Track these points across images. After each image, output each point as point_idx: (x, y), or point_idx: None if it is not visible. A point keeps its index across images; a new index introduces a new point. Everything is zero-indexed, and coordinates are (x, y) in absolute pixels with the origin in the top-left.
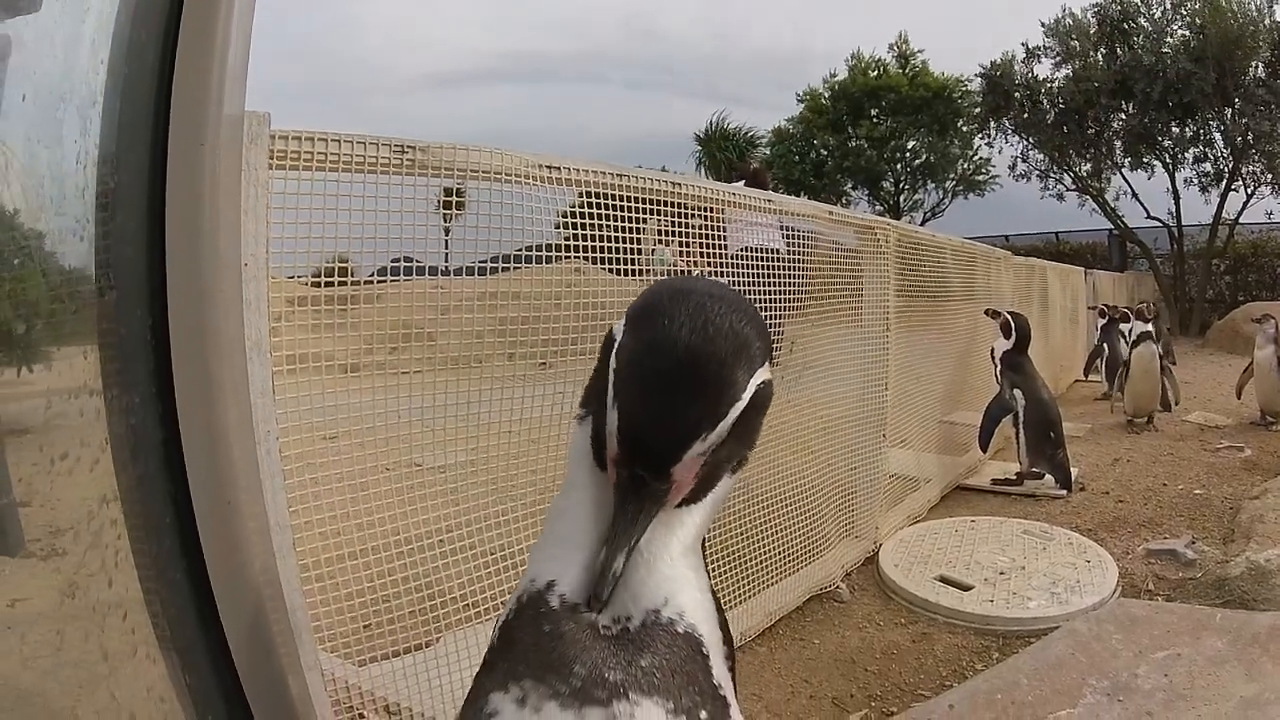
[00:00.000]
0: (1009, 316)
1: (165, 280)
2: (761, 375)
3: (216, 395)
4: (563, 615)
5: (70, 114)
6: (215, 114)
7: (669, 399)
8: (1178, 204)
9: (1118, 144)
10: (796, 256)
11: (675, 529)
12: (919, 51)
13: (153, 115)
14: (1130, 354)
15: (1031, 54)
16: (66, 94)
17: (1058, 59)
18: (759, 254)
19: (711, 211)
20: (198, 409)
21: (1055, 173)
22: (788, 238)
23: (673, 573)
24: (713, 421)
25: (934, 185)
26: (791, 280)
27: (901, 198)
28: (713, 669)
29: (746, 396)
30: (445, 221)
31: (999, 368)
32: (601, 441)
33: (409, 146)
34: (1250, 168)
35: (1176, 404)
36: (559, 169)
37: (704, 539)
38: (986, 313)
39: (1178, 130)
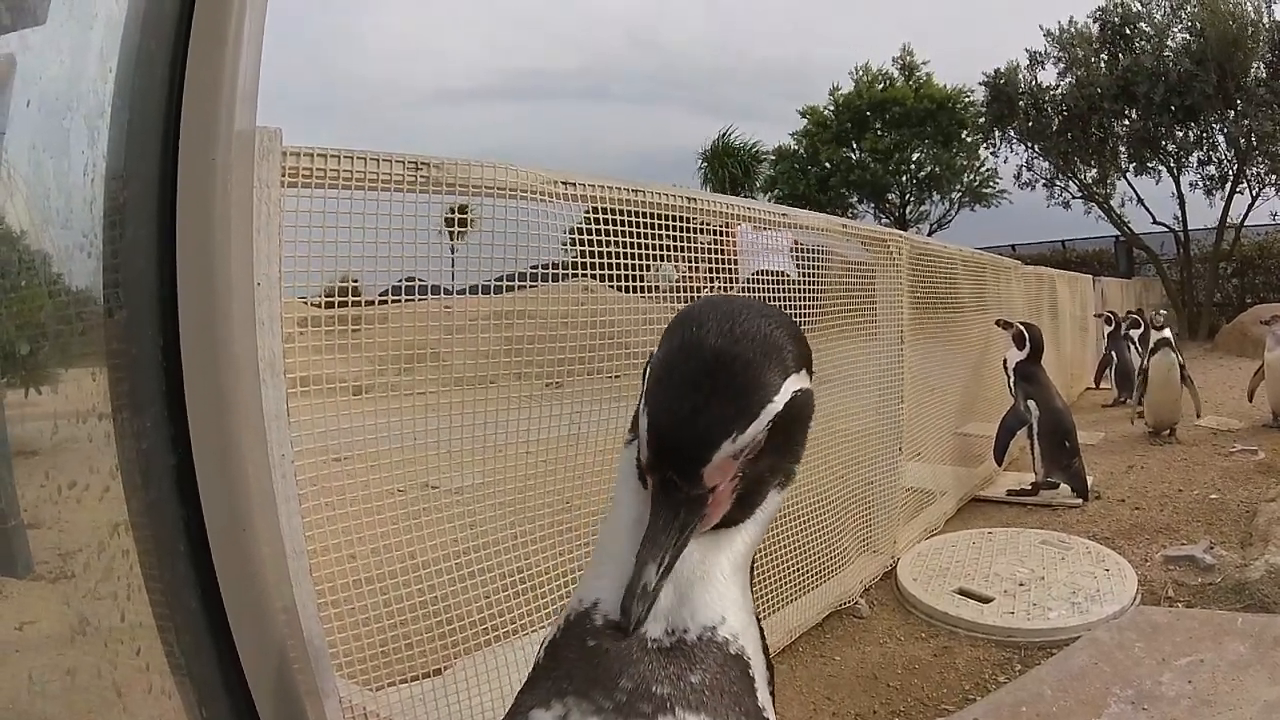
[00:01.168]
0: (1022, 327)
1: (176, 299)
2: (798, 382)
3: (230, 418)
4: (607, 632)
5: (77, 123)
6: (226, 128)
7: (697, 399)
8: (1183, 208)
9: (1122, 149)
10: (810, 274)
11: (724, 547)
12: (924, 63)
13: (162, 128)
14: (1148, 363)
15: (1035, 60)
16: (73, 103)
17: (1061, 66)
18: (770, 277)
19: (722, 230)
20: (211, 432)
21: (1061, 180)
22: (799, 260)
23: (726, 591)
24: (743, 422)
25: (940, 197)
26: (804, 299)
27: (907, 210)
28: (757, 693)
29: (780, 400)
30: (453, 240)
31: (1013, 379)
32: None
33: (423, 163)
34: (1254, 169)
35: (1199, 417)
36: (573, 185)
37: (751, 562)
38: (998, 323)
39: (1181, 134)
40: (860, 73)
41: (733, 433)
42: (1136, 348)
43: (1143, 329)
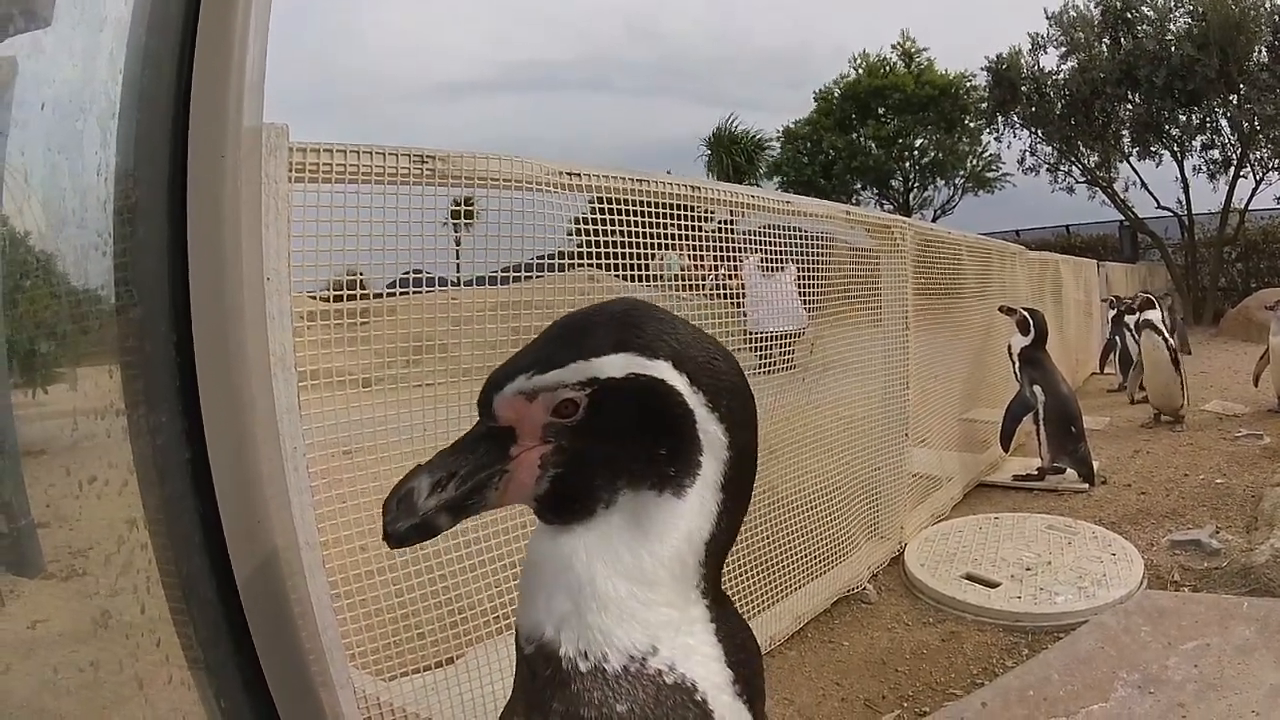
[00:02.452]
0: (1026, 313)
1: (188, 295)
2: (652, 370)
3: (243, 412)
4: (531, 657)
5: (90, 125)
6: (235, 126)
7: (521, 350)
8: (1187, 192)
9: (1125, 134)
10: (814, 263)
11: (615, 563)
12: (924, 49)
13: (171, 127)
14: (1140, 346)
15: (1037, 45)
16: (86, 104)
17: (1063, 50)
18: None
19: (728, 221)
20: (224, 426)
21: (1064, 165)
22: (801, 266)
23: (652, 617)
24: (543, 366)
25: (943, 182)
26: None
27: (911, 196)
28: (713, 713)
29: (603, 368)
30: (457, 232)
31: (1017, 364)
32: None
33: (429, 156)
34: (1258, 153)
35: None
36: (577, 175)
37: (708, 574)
38: (1001, 310)
39: (1184, 118)
40: (859, 59)
41: (530, 370)
42: (1131, 333)
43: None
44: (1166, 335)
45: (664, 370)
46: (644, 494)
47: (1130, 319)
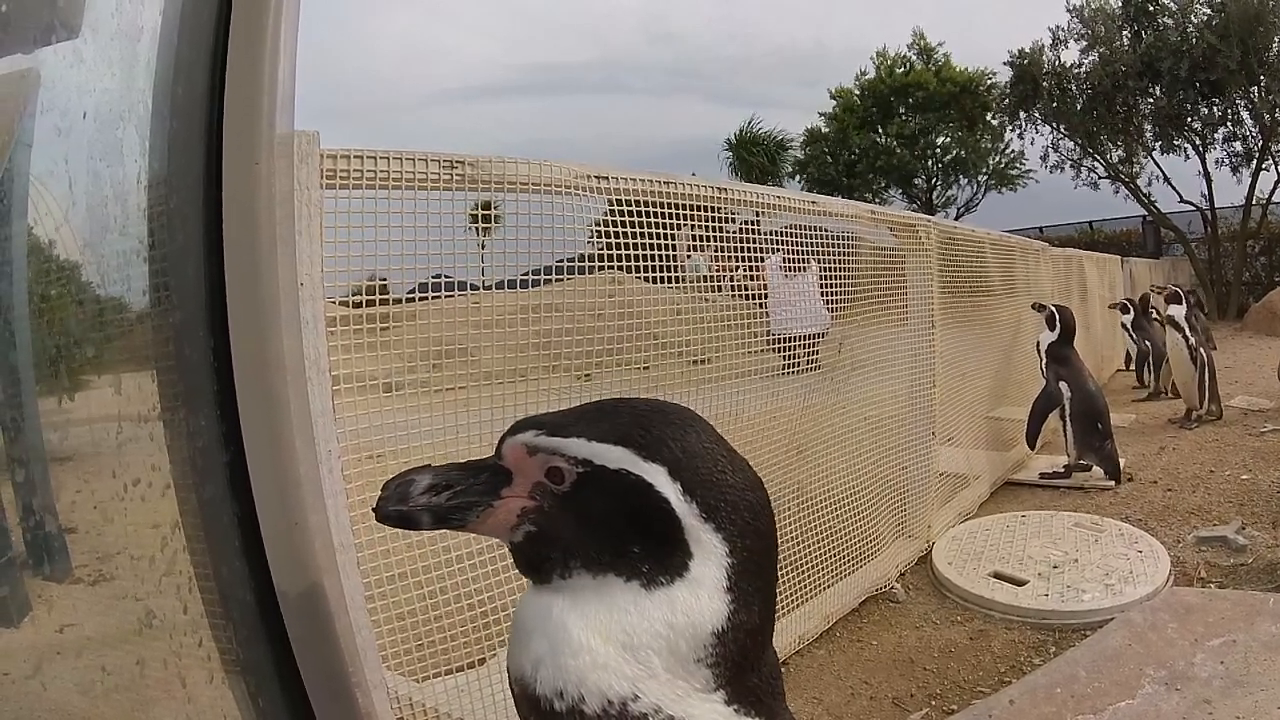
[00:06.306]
0: (1053, 309)
1: (225, 301)
2: (640, 468)
3: (280, 415)
4: (518, 700)
5: (130, 133)
6: (267, 134)
7: (557, 411)
8: (1210, 186)
9: (1148, 127)
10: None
11: (590, 620)
12: (939, 45)
13: (205, 135)
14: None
15: (1058, 40)
16: (125, 113)
17: (1084, 44)
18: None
19: (749, 224)
20: (262, 430)
21: (1087, 161)
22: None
23: (630, 670)
24: (555, 430)
25: (966, 180)
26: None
27: (934, 194)
28: None
29: (598, 455)
30: (481, 236)
31: (1045, 360)
32: None
33: (458, 161)
34: (1279, 146)
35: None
36: (606, 178)
37: (728, 661)
38: (1034, 307)
39: (1206, 110)
40: (879, 58)
41: (543, 430)
42: (1130, 334)
43: (1132, 315)
44: (1188, 333)
45: (655, 475)
46: (607, 578)
47: (1126, 318)
